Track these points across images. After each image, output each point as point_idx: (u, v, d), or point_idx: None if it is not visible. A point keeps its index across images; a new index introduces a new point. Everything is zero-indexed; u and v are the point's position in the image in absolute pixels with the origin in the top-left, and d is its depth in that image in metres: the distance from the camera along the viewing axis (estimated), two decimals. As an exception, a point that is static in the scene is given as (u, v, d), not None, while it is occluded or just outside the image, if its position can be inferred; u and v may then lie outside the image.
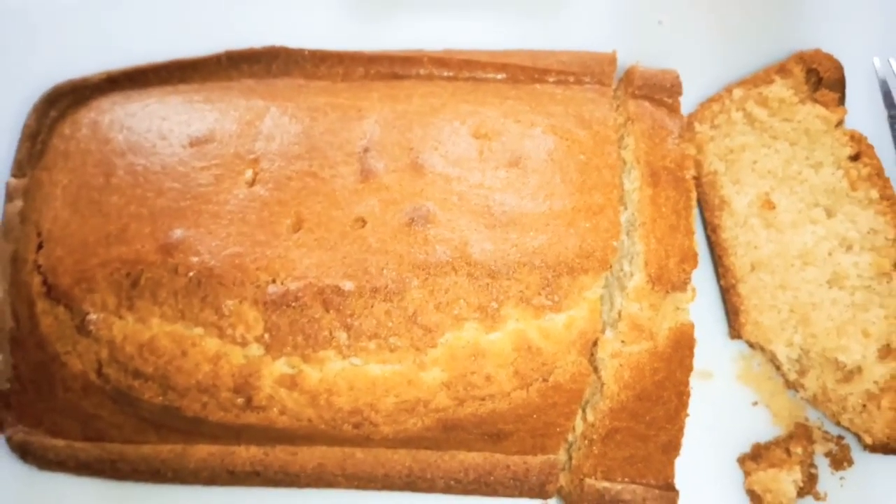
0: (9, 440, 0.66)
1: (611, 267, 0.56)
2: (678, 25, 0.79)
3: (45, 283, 0.61)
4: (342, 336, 0.55)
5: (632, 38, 0.78)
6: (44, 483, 0.66)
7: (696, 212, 0.64)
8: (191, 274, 0.56)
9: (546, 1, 0.79)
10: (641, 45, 0.77)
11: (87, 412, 0.63)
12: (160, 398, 0.58)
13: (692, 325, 0.59)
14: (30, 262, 0.64)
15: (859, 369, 0.65)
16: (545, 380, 0.56)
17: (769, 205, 0.70)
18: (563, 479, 0.62)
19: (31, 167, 0.70)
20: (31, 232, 0.66)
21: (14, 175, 0.71)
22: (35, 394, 0.65)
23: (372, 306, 0.55)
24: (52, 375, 0.63)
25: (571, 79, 0.66)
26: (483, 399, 0.56)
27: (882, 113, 0.77)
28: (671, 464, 0.60)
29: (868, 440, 0.65)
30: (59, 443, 0.65)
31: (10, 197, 0.70)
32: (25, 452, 0.66)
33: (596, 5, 0.80)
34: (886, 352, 0.65)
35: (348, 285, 0.54)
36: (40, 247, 0.64)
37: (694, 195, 0.62)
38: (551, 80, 0.66)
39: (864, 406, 0.65)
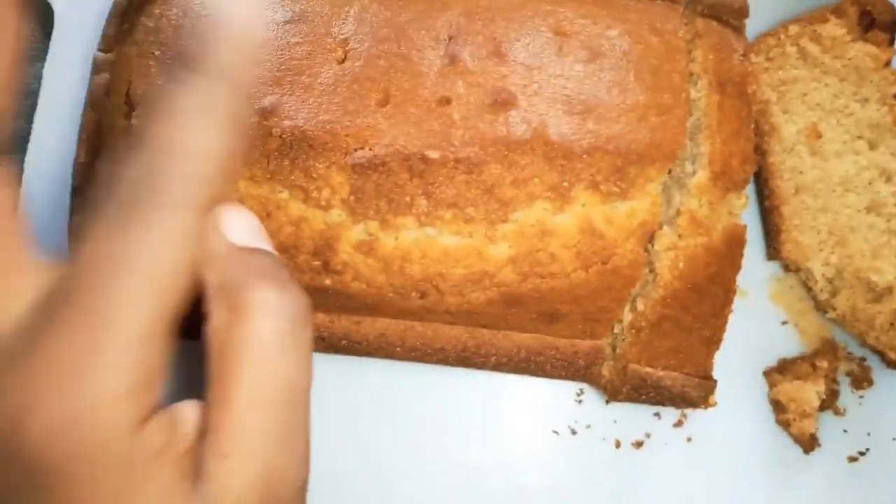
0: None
1: (676, 161, 0.60)
2: (740, -37, 0.82)
3: (136, 143, 0.65)
4: (422, 203, 0.58)
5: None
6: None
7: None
8: (284, 136, 0.59)
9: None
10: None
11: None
12: (243, 256, 0.61)
13: (745, 227, 0.63)
14: (118, 128, 0.68)
15: (890, 290, 0.70)
16: (604, 263, 0.60)
17: (816, 134, 0.74)
18: (606, 368, 0.66)
19: (118, 44, 0.73)
20: (118, 102, 0.69)
21: (101, 50, 0.74)
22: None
23: (453, 176, 0.59)
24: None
25: (643, -5, 0.69)
26: (544, 276, 0.60)
27: (928, 60, 0.81)
28: (711, 356, 0.65)
29: (893, 356, 0.70)
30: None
31: (97, 70, 0.73)
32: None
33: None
34: (917, 275, 0.69)
35: (433, 154, 0.58)
36: (130, 114, 0.67)
37: (753, 108, 0.65)
38: (624, -7, 0.69)
39: (892, 324, 0.70)
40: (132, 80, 0.69)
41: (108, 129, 0.69)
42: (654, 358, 0.63)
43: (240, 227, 0.45)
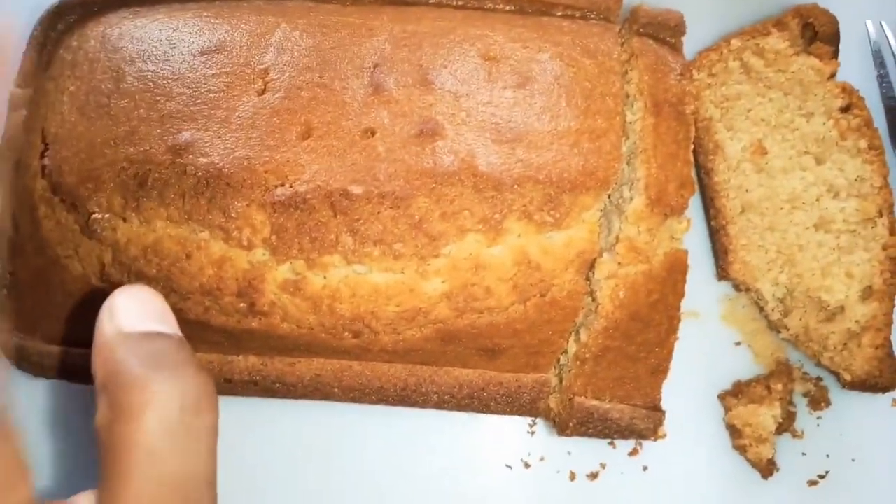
0: (3, 346, 0.66)
1: (611, 188, 0.58)
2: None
3: (49, 184, 0.62)
4: (348, 240, 0.56)
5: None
6: (37, 389, 0.67)
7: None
8: (199, 174, 0.56)
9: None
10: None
11: (85, 316, 0.63)
12: (163, 300, 0.58)
13: (686, 252, 0.61)
14: (33, 167, 0.65)
15: (842, 309, 0.68)
16: (542, 295, 0.58)
17: (761, 151, 0.72)
18: (552, 401, 0.63)
19: (35, 78, 0.70)
20: (35, 139, 0.66)
21: (18, 86, 0.71)
22: (32, 300, 0.66)
23: (379, 212, 0.56)
24: (50, 280, 0.64)
25: (577, 14, 0.67)
26: (482, 311, 0.58)
27: (871, 72, 0.80)
28: (659, 386, 0.62)
29: (847, 377, 0.68)
30: (55, 349, 0.65)
31: (14, 107, 0.70)
32: (21, 359, 0.66)
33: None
34: (868, 293, 0.67)
35: (357, 189, 0.55)
36: (45, 152, 0.64)
37: (693, 129, 0.63)
38: (558, 13, 0.67)
39: (845, 345, 0.68)
40: (47, 116, 0.65)
41: (24, 168, 0.66)
42: (599, 390, 0.61)
43: (136, 311, 0.44)
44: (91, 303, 0.63)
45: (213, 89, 0.59)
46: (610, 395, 0.61)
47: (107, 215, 0.59)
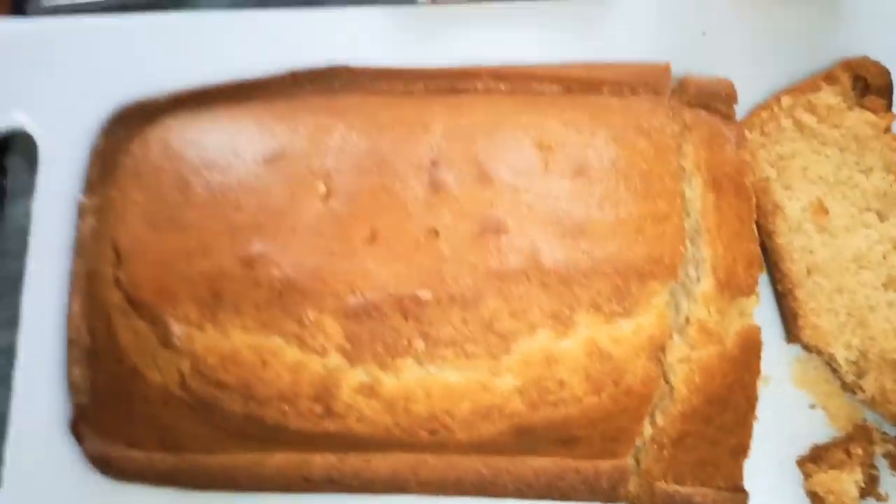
0: (88, 453, 0.68)
1: (678, 272, 0.58)
2: (723, 36, 0.80)
3: (126, 298, 0.63)
4: (420, 344, 0.56)
5: (677, 50, 0.79)
6: (123, 495, 0.68)
7: (753, 217, 0.65)
8: (272, 286, 0.57)
9: (591, 15, 0.81)
10: (687, 56, 0.78)
11: (165, 423, 0.65)
12: (242, 408, 0.60)
13: (758, 329, 0.60)
14: (107, 278, 0.67)
15: (919, 370, 0.66)
16: (616, 384, 0.58)
17: (822, 210, 0.71)
18: (632, 484, 0.63)
19: (101, 186, 0.73)
20: (106, 249, 0.68)
21: (84, 195, 0.73)
22: (112, 407, 0.67)
23: (449, 315, 0.56)
24: (130, 388, 0.65)
25: (626, 90, 0.67)
26: (556, 404, 0.58)
27: (929, 119, 0.78)
28: (740, 466, 0.61)
29: (930, 439, 0.66)
30: (138, 454, 0.67)
31: (82, 216, 0.72)
32: (104, 465, 0.68)
33: (640, 16, 0.81)
34: (945, 352, 0.66)
35: (426, 294, 0.56)
36: (118, 263, 0.66)
37: (753, 201, 0.63)
38: (606, 90, 0.67)
39: (925, 406, 0.66)
40: (117, 227, 0.68)
41: (98, 277, 0.68)
42: (680, 474, 0.60)
43: None
44: (170, 411, 0.65)
45: (279, 198, 0.60)
46: (691, 478, 0.60)
47: (184, 327, 0.61)
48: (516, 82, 0.68)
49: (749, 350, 0.59)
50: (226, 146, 0.65)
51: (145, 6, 0.86)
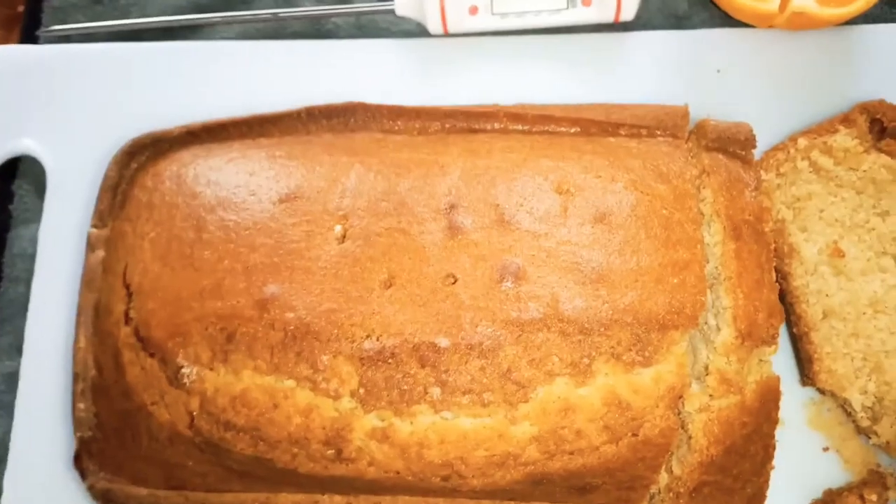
0: (91, 488, 0.67)
1: (699, 323, 0.57)
2: (738, 75, 0.80)
3: (136, 334, 0.63)
4: (436, 391, 0.56)
5: (692, 88, 0.79)
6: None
7: (772, 263, 0.65)
8: (287, 329, 0.57)
9: (605, 51, 0.81)
10: (701, 94, 0.78)
11: (171, 461, 0.64)
12: (251, 449, 0.59)
13: (778, 378, 0.60)
14: (116, 313, 0.66)
15: (935, 417, 0.66)
16: (635, 434, 0.57)
17: (838, 253, 0.71)
18: (646, 532, 0.62)
19: (112, 218, 0.72)
20: (115, 283, 0.67)
21: (95, 226, 0.72)
22: (118, 442, 0.66)
23: (467, 362, 0.56)
24: (137, 425, 0.64)
25: (644, 132, 0.67)
26: (572, 453, 0.57)
27: (946, 160, 0.78)
28: (756, 515, 0.61)
29: (946, 488, 0.66)
30: (142, 491, 0.65)
31: (92, 247, 0.72)
32: (108, 501, 0.66)
33: (655, 51, 0.81)
34: (961, 400, 0.65)
35: (444, 342, 0.55)
36: (128, 298, 0.65)
37: (772, 248, 0.62)
38: (624, 133, 0.67)
39: (942, 454, 0.66)
40: (128, 262, 0.67)
41: (107, 311, 0.67)
42: (695, 522, 0.60)
43: None
44: (176, 449, 0.64)
45: (295, 239, 0.59)
46: (706, 527, 0.60)
47: (195, 367, 0.60)
48: (534, 123, 0.68)
49: (768, 400, 0.59)
50: (241, 184, 0.64)
51: (158, 33, 0.85)
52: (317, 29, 0.87)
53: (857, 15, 0.78)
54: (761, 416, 0.58)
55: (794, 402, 0.72)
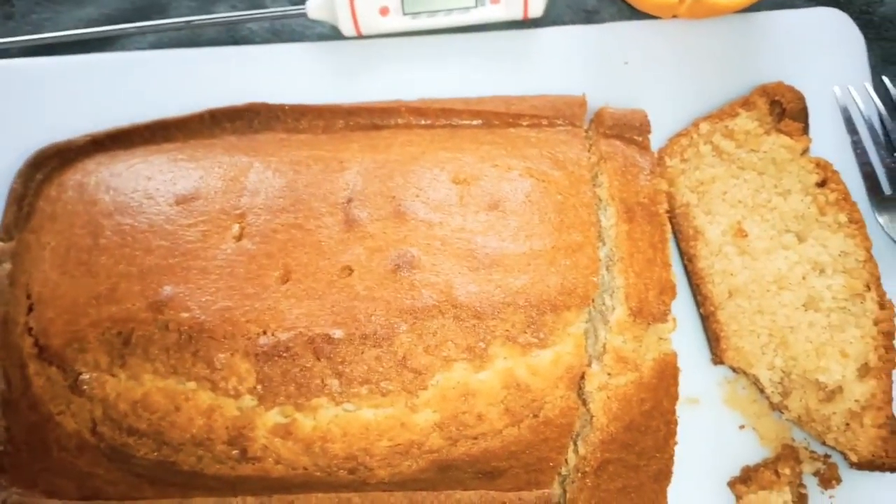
0: (4, 503, 0.66)
1: (592, 302, 0.58)
2: (644, 65, 0.82)
3: (36, 344, 0.62)
4: (334, 383, 0.56)
5: (600, 80, 0.80)
6: (39, 546, 0.66)
7: (671, 244, 0.66)
8: (182, 329, 0.56)
9: (515, 48, 0.82)
10: (609, 85, 0.80)
11: (82, 471, 0.63)
12: (155, 454, 0.58)
13: (675, 355, 0.60)
14: (21, 325, 0.65)
15: (840, 389, 0.67)
16: (535, 415, 0.57)
17: (742, 233, 0.72)
18: (558, 514, 0.62)
19: (18, 230, 0.71)
20: (20, 294, 0.67)
21: (1, 239, 0.72)
22: (29, 455, 0.65)
23: (362, 352, 0.56)
24: (45, 436, 0.63)
25: (544, 122, 0.68)
26: (475, 438, 0.57)
27: (845, 139, 0.80)
28: (663, 492, 0.61)
29: (854, 458, 0.67)
30: (55, 503, 0.65)
31: (-2, 260, 0.71)
32: (19, 515, 0.65)
33: (564, 47, 0.82)
34: (865, 370, 0.67)
35: (338, 333, 0.55)
36: (31, 309, 0.65)
37: (668, 228, 0.64)
38: (525, 123, 0.68)
39: (848, 425, 0.67)
40: (31, 273, 0.66)
41: (13, 323, 0.66)
42: (604, 501, 0.60)
43: None
44: (86, 458, 0.63)
45: (191, 239, 0.59)
46: (615, 506, 0.60)
47: (94, 374, 0.59)
48: (436, 117, 0.69)
49: (666, 376, 0.60)
50: (139, 189, 0.64)
51: (72, 46, 0.85)
52: (232, 36, 0.87)
53: (754, 2, 0.80)
54: (660, 392, 0.59)
55: (710, 381, 0.73)
